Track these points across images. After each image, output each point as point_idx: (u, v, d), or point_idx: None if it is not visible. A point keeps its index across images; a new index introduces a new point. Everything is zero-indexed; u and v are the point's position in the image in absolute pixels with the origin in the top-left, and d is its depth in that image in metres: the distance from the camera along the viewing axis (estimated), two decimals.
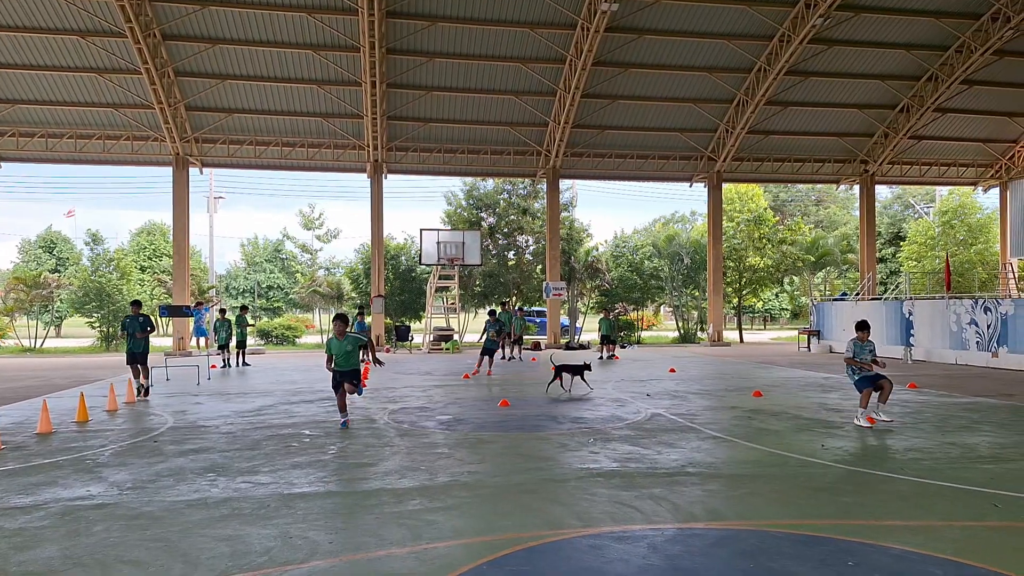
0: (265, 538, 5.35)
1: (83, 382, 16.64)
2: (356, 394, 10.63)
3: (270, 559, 4.91)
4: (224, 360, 20.94)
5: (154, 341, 19.17)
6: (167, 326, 38.76)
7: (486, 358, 18.35)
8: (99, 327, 31.52)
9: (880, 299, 25.99)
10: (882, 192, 47.67)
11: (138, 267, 46.67)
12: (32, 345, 31.14)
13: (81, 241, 54.36)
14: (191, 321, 27.60)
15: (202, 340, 27.57)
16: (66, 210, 62.99)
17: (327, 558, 4.92)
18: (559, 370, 13.95)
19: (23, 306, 31.48)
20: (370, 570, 4.69)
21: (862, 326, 10.31)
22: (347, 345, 10.11)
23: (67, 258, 53.18)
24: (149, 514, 6.00)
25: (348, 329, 10.30)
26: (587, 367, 14.24)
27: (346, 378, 10.17)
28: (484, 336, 18.67)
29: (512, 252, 34.99)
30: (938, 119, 29.67)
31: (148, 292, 40.88)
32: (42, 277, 33.20)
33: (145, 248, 52.90)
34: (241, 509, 6.13)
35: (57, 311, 36.62)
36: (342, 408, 10.31)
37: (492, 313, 19.29)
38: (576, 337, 32.41)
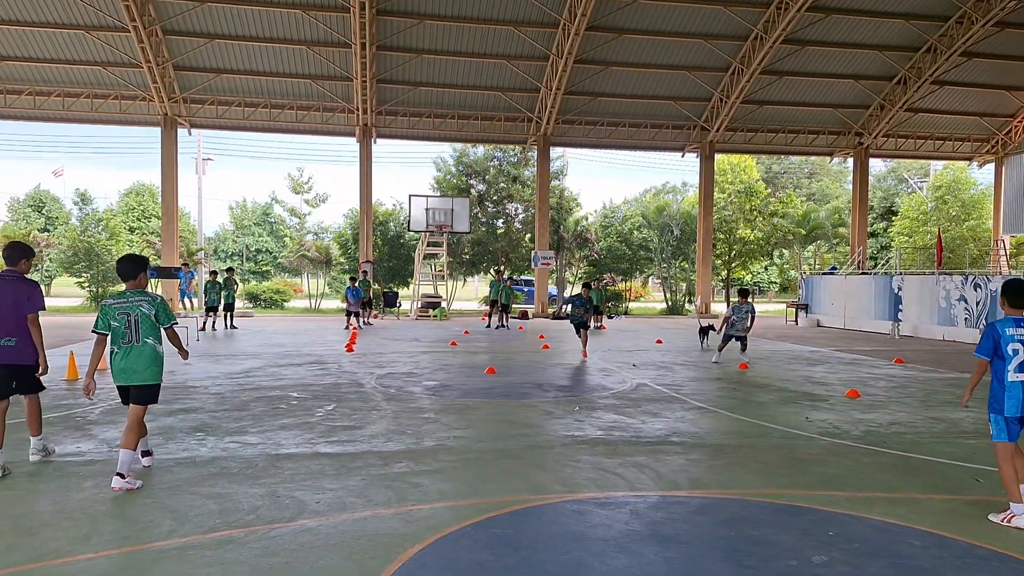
0: (253, 497, 5.42)
1: (73, 341, 16.60)
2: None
3: (257, 517, 4.98)
4: (205, 323, 20.54)
5: None
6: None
7: (582, 331, 15.13)
8: (88, 287, 31.38)
9: (870, 273, 26.15)
10: (876, 166, 47.55)
11: (127, 228, 46.32)
12: None
13: (70, 200, 53.85)
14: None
15: (186, 302, 27.39)
16: (55, 169, 62.17)
17: (314, 517, 4.99)
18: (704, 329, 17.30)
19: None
20: (356, 530, 4.77)
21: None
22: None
23: (56, 217, 52.72)
24: (138, 471, 6.04)
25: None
26: (712, 328, 16.90)
27: None
28: (569, 309, 16.63)
29: (501, 220, 34.91)
30: (935, 92, 29.54)
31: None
32: (31, 236, 32.92)
33: (134, 209, 52.43)
34: (229, 468, 6.19)
35: (47, 270, 36.36)
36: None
37: (587, 287, 15.65)
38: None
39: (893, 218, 42.27)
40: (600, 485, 5.88)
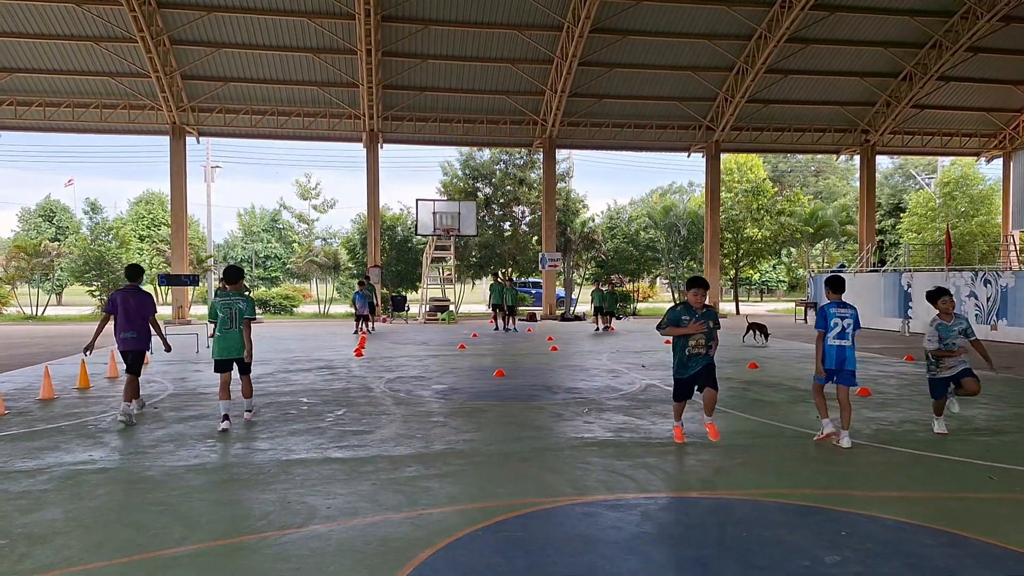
0: (264, 503, 5.44)
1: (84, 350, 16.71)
2: None
3: (268, 523, 5.00)
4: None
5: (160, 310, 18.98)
6: (166, 295, 38.81)
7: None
8: (99, 295, 31.61)
9: (879, 271, 26.02)
10: (883, 163, 47.42)
11: (137, 236, 46.64)
12: (33, 313, 31.23)
13: (80, 210, 54.35)
14: (189, 291, 27.59)
15: None
16: (65, 179, 62.76)
17: (325, 522, 5.00)
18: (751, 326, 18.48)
19: (24, 274, 31.54)
20: (367, 535, 4.77)
21: (938, 294, 7.61)
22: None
23: (67, 227, 53.18)
24: (150, 478, 6.08)
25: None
26: (761, 326, 18.42)
27: None
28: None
29: (508, 223, 34.93)
30: (941, 88, 29.33)
31: (147, 261, 40.85)
32: (42, 246, 33.20)
33: (144, 217, 52.82)
34: (240, 475, 6.21)
35: (58, 279, 36.68)
36: None
37: (694, 286, 15.57)
38: (572, 309, 32.50)
39: (901, 215, 42.03)
40: (610, 487, 5.87)
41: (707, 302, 7.09)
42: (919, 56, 27.64)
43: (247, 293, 8.29)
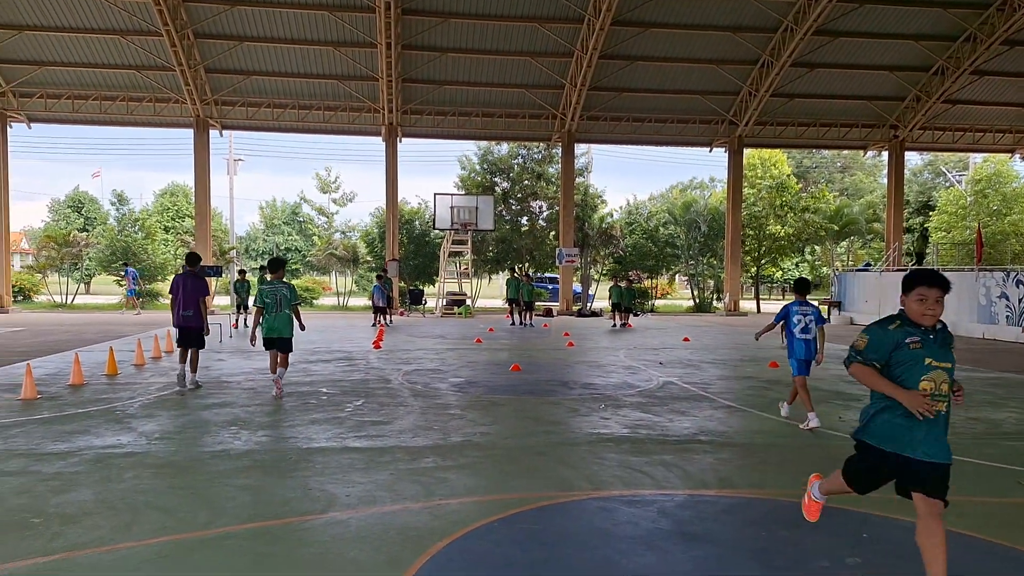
0: (285, 489, 5.54)
1: (112, 337, 17.03)
2: None
3: (290, 509, 5.10)
4: (237, 320, 20.77)
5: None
6: (169, 289, 39.21)
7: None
8: (126, 285, 32.04)
9: (906, 270, 25.70)
10: (912, 159, 46.72)
11: (162, 227, 47.23)
12: (63, 301, 31.82)
13: (107, 201, 55.16)
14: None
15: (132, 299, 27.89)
16: (93, 171, 63.78)
17: (344, 510, 5.09)
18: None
19: (54, 263, 32.16)
20: (386, 523, 4.85)
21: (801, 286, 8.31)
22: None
23: (95, 217, 54.00)
24: (176, 463, 6.22)
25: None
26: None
27: None
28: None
29: (525, 218, 34.89)
30: (975, 82, 28.61)
31: (172, 252, 41.38)
32: (71, 236, 33.78)
33: (168, 209, 53.45)
34: (262, 461, 6.33)
35: (86, 269, 37.29)
36: None
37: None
38: (588, 304, 32.44)
39: (930, 213, 41.37)
40: (626, 483, 5.89)
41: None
42: (952, 49, 27.03)
43: (291, 283, 9.65)
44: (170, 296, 10.14)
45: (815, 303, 8.25)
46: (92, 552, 4.31)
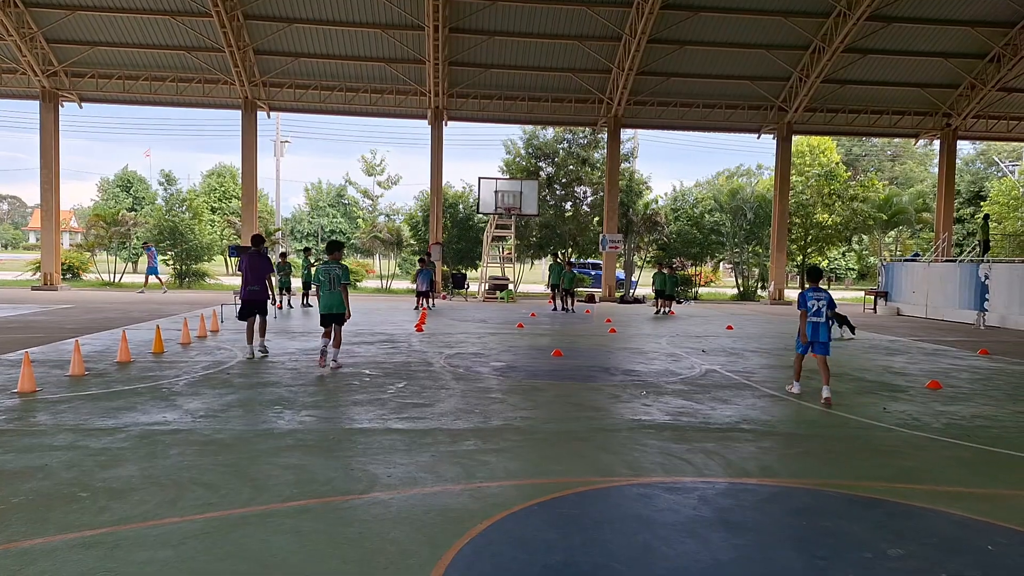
0: (328, 468, 5.62)
1: (158, 316, 17.49)
2: None
3: (332, 488, 5.17)
4: (280, 302, 20.76)
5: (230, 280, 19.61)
6: (236, 266, 40.07)
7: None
8: (173, 264, 32.91)
9: (955, 261, 24.88)
10: (964, 148, 45.15)
11: (209, 208, 48.21)
12: (111, 279, 32.77)
13: (156, 181, 56.49)
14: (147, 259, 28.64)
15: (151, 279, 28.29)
16: (143, 151, 65.28)
17: (385, 490, 5.14)
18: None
19: (103, 242, 33.12)
20: (426, 504, 4.89)
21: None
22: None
23: (143, 197, 55.33)
24: (220, 441, 6.35)
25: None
26: (845, 318, 16.80)
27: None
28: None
29: (569, 203, 34.68)
30: None
31: (218, 233, 42.28)
32: (120, 215, 34.72)
33: (215, 190, 54.51)
34: (305, 440, 6.43)
35: (134, 248, 38.32)
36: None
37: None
38: (631, 291, 32.19)
39: (981, 203, 39.93)
40: (667, 470, 5.84)
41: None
42: (1010, 36, 26.02)
43: (345, 264, 10.72)
44: (239, 273, 11.57)
45: (825, 289, 8.87)
46: (138, 526, 4.42)
